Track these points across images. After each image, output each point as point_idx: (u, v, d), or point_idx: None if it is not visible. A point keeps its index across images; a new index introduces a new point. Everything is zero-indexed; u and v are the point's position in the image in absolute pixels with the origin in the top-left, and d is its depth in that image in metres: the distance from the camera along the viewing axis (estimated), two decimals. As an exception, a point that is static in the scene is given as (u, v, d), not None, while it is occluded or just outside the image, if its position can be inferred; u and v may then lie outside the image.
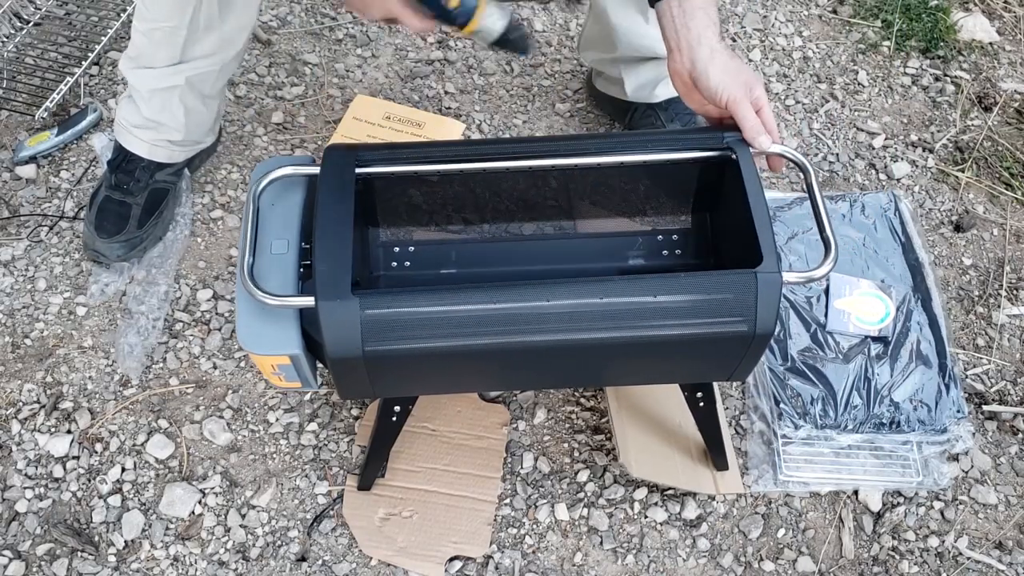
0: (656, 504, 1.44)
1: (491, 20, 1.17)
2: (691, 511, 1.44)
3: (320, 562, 1.39)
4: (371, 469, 1.41)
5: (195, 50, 1.51)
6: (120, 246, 1.62)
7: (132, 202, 1.64)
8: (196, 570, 1.38)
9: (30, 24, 1.98)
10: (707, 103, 1.17)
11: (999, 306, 1.68)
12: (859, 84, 2.01)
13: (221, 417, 1.51)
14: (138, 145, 1.63)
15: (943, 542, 1.43)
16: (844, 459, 1.49)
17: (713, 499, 1.45)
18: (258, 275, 1.06)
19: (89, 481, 1.45)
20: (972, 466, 1.50)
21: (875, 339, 1.56)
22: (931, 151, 1.90)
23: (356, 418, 1.51)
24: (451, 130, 1.84)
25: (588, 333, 1.06)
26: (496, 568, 1.39)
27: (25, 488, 1.43)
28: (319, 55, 1.99)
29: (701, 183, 1.24)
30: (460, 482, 1.45)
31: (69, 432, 1.48)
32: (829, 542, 1.43)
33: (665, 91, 1.75)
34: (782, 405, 1.49)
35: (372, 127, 1.83)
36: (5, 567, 1.36)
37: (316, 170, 1.13)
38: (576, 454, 1.50)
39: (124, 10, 1.98)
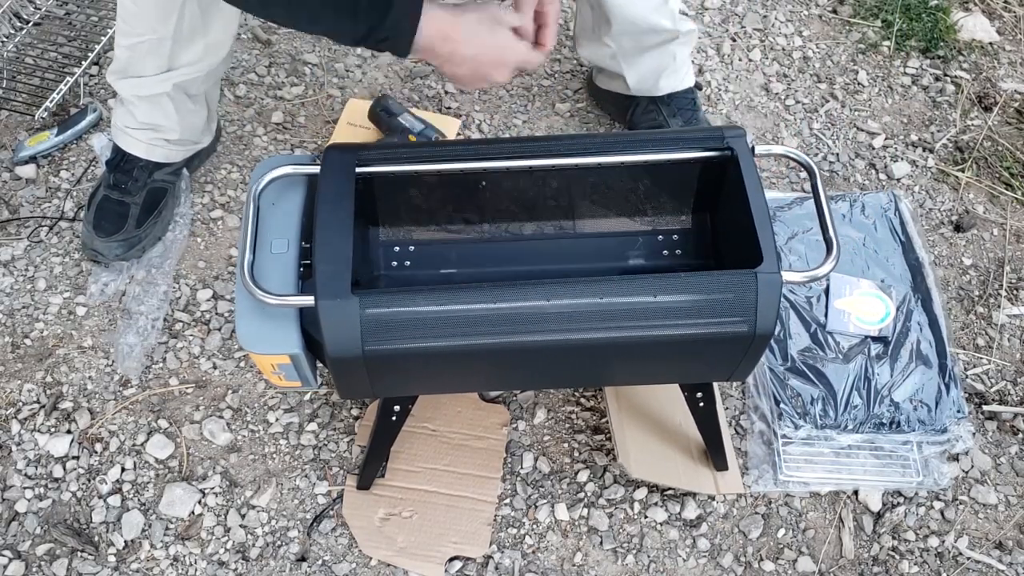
0: (656, 504, 1.44)
1: None
2: (691, 511, 1.44)
3: (320, 562, 1.39)
4: (371, 469, 1.41)
5: (182, 57, 1.51)
6: (118, 246, 1.62)
7: (130, 202, 1.64)
8: (196, 570, 1.38)
9: (30, 24, 1.98)
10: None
11: (999, 306, 1.68)
12: (859, 84, 2.01)
13: (221, 417, 1.51)
14: (135, 146, 1.62)
15: (943, 542, 1.43)
16: (844, 459, 1.48)
17: (713, 499, 1.45)
18: (258, 274, 1.06)
19: (89, 481, 1.45)
20: (972, 466, 1.50)
21: (875, 339, 1.56)
22: (931, 151, 1.90)
23: (356, 418, 1.51)
24: (449, 128, 1.83)
25: (588, 333, 1.06)
26: (496, 568, 1.39)
27: (25, 488, 1.43)
28: (319, 55, 1.99)
29: (701, 183, 1.24)
30: (460, 482, 1.45)
31: (69, 432, 1.48)
32: (829, 542, 1.43)
33: (668, 83, 1.75)
34: (782, 405, 1.49)
35: (368, 133, 1.81)
36: (5, 567, 1.36)
37: (316, 169, 1.13)
38: (576, 454, 1.49)
39: (124, 10, 1.98)
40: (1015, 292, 1.70)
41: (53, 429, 1.49)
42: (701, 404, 1.31)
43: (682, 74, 1.76)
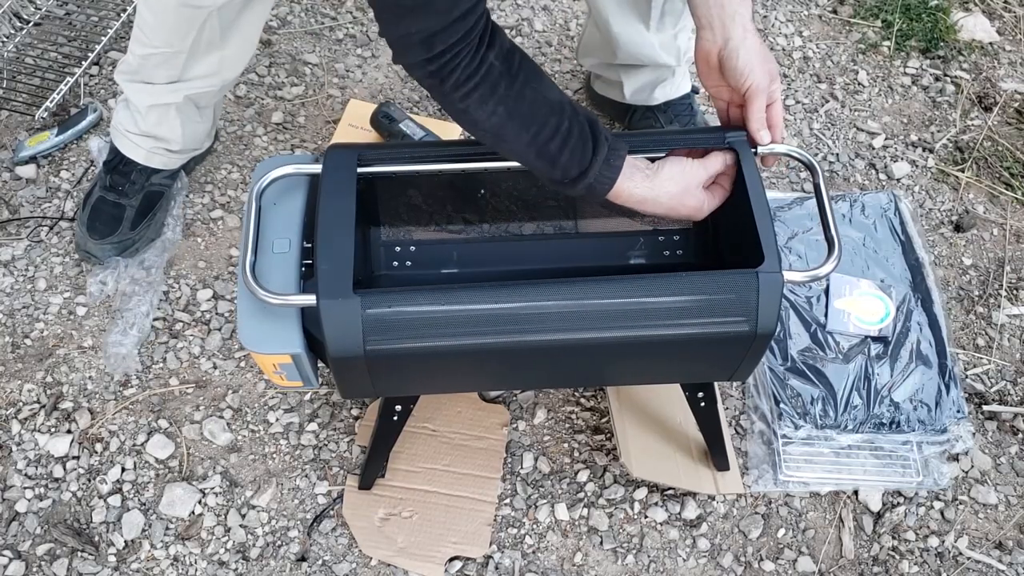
0: (656, 504, 1.44)
1: None
2: (691, 511, 1.44)
3: (320, 562, 1.39)
4: (371, 469, 1.41)
5: (195, 70, 1.50)
6: (112, 247, 1.62)
7: (126, 204, 1.63)
8: (196, 570, 1.38)
9: (30, 24, 1.98)
10: (722, 85, 1.14)
11: (999, 306, 1.68)
12: (859, 84, 2.01)
13: (221, 417, 1.51)
14: (135, 151, 1.61)
15: (943, 542, 1.43)
16: (844, 459, 1.49)
17: (713, 499, 1.45)
18: (260, 274, 1.06)
19: (89, 481, 1.45)
20: (972, 466, 1.50)
21: (875, 339, 1.56)
22: (931, 151, 1.90)
23: (356, 418, 1.51)
24: (450, 134, 1.83)
25: (588, 333, 1.05)
26: (496, 568, 1.39)
27: (25, 488, 1.43)
28: (319, 55, 1.99)
29: (702, 183, 1.23)
30: (460, 482, 1.45)
31: (69, 432, 1.48)
32: (829, 542, 1.43)
33: (663, 93, 1.75)
34: (782, 405, 1.49)
35: (369, 135, 1.81)
36: (5, 567, 1.36)
37: (318, 169, 1.13)
38: (576, 454, 1.49)
39: (124, 10, 1.98)
40: (1015, 292, 1.71)
41: (53, 429, 1.49)
42: (702, 404, 1.31)
43: (678, 82, 1.76)
